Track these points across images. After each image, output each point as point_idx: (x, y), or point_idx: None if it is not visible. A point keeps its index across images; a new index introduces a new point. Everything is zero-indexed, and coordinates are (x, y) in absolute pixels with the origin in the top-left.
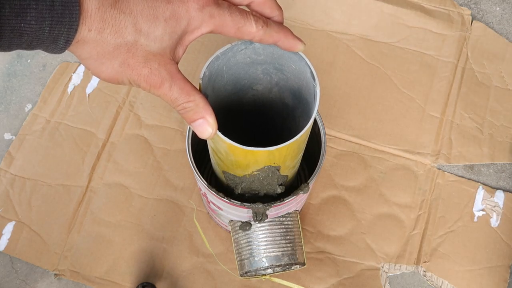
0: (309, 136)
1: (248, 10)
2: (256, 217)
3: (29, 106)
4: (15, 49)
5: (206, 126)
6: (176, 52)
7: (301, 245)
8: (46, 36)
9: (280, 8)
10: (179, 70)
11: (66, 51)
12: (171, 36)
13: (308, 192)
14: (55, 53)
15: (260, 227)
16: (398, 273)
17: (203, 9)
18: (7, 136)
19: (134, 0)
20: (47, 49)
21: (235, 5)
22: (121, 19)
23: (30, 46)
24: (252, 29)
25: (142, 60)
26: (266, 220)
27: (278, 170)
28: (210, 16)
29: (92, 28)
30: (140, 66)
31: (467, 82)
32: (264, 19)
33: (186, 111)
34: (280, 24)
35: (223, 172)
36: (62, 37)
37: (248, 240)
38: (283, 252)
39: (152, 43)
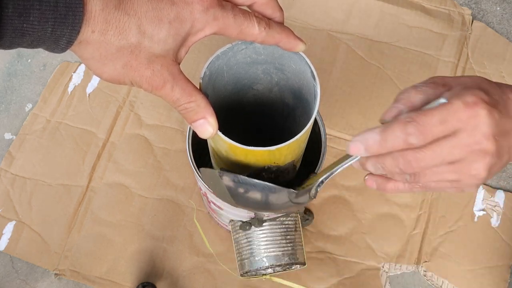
0: (310, 136)
1: (250, 11)
2: (257, 222)
3: (30, 105)
4: (15, 48)
5: (207, 126)
6: (179, 53)
7: (302, 245)
8: (48, 37)
9: (281, 9)
10: (181, 71)
11: (68, 50)
12: (175, 38)
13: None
14: (56, 52)
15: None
16: (399, 272)
17: (208, 11)
18: (8, 135)
19: (138, 2)
20: (48, 48)
21: (238, 6)
22: (125, 21)
23: (31, 45)
24: (254, 30)
25: (145, 61)
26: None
27: None
28: (214, 18)
29: (96, 29)
30: (143, 68)
31: None
32: (267, 21)
33: (187, 112)
34: (281, 24)
35: (221, 169)
36: (64, 38)
37: (249, 239)
38: (284, 252)
39: (156, 45)
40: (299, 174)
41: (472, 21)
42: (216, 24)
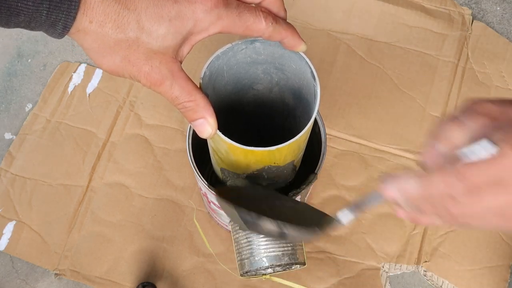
0: (310, 136)
1: (256, 7)
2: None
3: (30, 105)
4: (14, 27)
5: (206, 126)
6: (180, 51)
7: (302, 245)
8: (44, 19)
9: (285, 9)
10: (182, 69)
11: (70, 50)
12: (174, 36)
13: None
14: (55, 37)
15: None
16: (399, 272)
17: (211, 11)
18: (8, 135)
19: None
20: (47, 32)
21: (244, 3)
22: (125, 15)
23: (29, 26)
24: (261, 25)
25: (143, 57)
26: None
27: None
28: (218, 18)
29: (94, 20)
30: (141, 63)
31: (468, 82)
32: (273, 16)
33: (186, 110)
34: (286, 21)
35: (221, 169)
36: (60, 23)
37: (249, 239)
38: (284, 252)
39: (154, 41)
40: (299, 174)
41: (472, 21)
42: (220, 23)
